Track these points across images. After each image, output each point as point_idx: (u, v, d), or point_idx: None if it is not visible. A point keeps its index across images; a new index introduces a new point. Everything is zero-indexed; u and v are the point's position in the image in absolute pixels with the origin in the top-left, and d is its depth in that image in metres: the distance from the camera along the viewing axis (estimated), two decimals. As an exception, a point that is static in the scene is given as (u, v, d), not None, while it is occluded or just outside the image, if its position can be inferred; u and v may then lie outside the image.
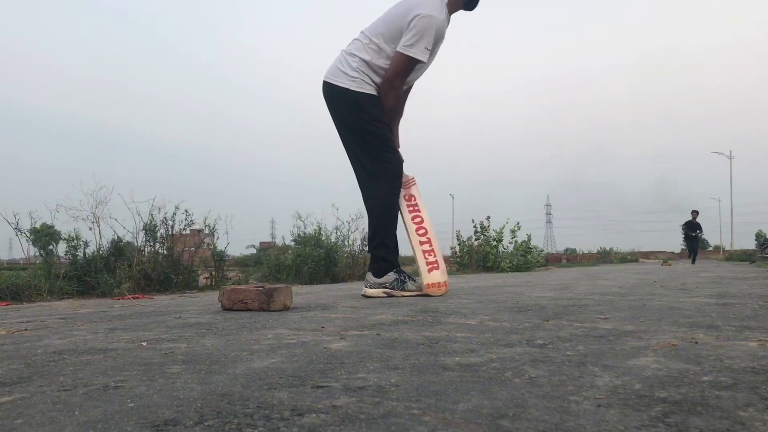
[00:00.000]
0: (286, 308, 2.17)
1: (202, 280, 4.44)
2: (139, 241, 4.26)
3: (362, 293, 2.85)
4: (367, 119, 2.85)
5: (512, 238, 10.22)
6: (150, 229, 4.24)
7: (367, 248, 2.88)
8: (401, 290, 2.79)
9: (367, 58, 2.81)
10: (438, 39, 2.83)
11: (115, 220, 4.15)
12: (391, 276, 2.81)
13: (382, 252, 2.85)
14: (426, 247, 2.92)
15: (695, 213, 16.51)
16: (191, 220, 4.48)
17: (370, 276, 2.86)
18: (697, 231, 16.29)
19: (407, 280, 2.85)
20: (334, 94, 2.87)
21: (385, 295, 2.77)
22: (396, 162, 2.92)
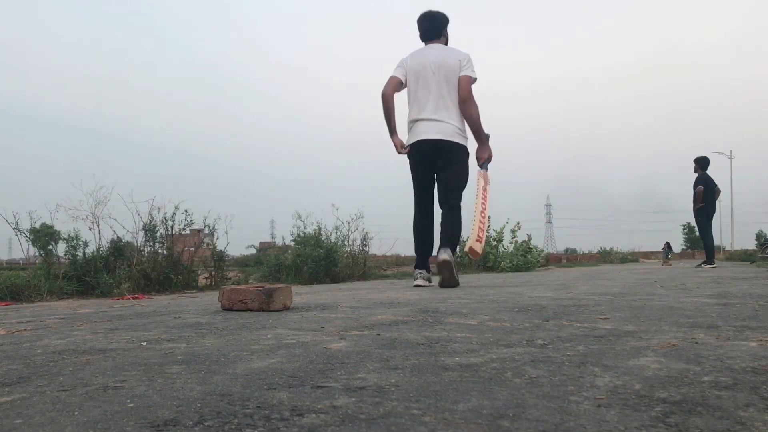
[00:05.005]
0: (286, 308, 2.17)
1: (201, 280, 4.44)
2: (139, 241, 4.25)
3: (422, 284, 3.60)
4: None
5: (512, 238, 10.20)
6: (150, 229, 4.24)
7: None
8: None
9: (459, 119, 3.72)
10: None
11: (115, 220, 4.14)
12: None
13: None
14: (482, 225, 3.85)
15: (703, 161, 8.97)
16: (191, 220, 4.47)
17: (424, 272, 3.72)
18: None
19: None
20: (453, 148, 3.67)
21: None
22: None
